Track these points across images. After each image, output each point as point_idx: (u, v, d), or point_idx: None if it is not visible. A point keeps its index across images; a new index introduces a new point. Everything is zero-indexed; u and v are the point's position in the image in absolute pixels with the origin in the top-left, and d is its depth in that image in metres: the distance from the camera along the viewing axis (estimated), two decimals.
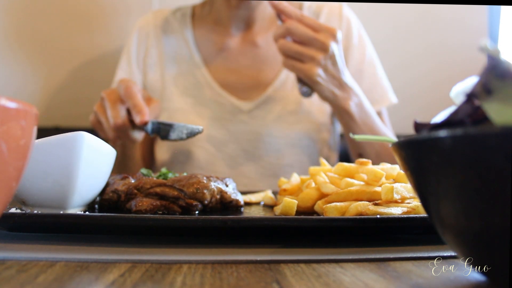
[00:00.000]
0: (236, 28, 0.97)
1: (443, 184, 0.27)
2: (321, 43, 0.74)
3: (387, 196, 0.45)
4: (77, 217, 0.41)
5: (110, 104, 0.70)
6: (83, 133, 0.44)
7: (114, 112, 0.69)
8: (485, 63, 0.26)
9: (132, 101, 0.68)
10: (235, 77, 0.95)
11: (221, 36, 0.97)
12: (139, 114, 0.67)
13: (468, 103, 0.27)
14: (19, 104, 0.28)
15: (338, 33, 0.76)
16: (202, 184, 0.52)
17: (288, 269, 0.33)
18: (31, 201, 0.46)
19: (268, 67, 0.96)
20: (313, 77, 0.75)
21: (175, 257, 0.35)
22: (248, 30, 0.97)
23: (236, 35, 0.97)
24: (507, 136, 0.23)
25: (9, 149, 0.27)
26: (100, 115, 0.72)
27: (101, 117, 0.72)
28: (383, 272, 0.32)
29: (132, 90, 0.69)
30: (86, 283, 0.30)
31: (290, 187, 0.58)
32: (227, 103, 0.93)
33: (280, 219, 0.41)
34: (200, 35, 0.98)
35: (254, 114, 0.93)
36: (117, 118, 0.69)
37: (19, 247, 0.38)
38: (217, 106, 0.94)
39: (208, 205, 0.52)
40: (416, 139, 0.28)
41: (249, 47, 0.97)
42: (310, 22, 0.75)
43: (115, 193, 0.52)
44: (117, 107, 0.70)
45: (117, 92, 0.71)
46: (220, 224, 0.40)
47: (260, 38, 0.97)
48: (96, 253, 0.36)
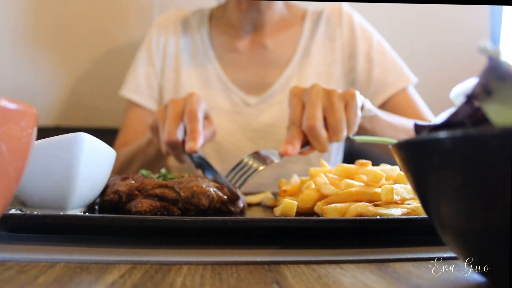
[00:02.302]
0: (246, 30, 1.02)
1: (443, 185, 0.27)
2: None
3: (387, 197, 0.45)
4: (77, 218, 0.41)
5: (171, 117, 0.68)
6: (83, 134, 0.44)
7: (171, 127, 0.67)
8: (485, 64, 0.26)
9: (191, 126, 0.66)
10: (244, 74, 1.00)
11: (232, 38, 1.02)
12: (191, 141, 0.64)
13: (468, 104, 0.27)
14: (19, 105, 0.28)
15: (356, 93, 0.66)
16: (200, 189, 0.50)
17: (288, 270, 0.33)
18: (31, 202, 0.46)
19: (274, 66, 1.00)
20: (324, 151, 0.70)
21: (175, 258, 0.35)
22: (257, 32, 1.02)
23: (246, 36, 1.02)
24: (507, 137, 0.23)
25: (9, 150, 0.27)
26: (159, 121, 0.71)
27: (159, 124, 0.70)
28: (383, 273, 0.32)
29: (196, 114, 0.67)
30: (86, 284, 0.30)
31: (290, 188, 0.58)
32: (235, 97, 0.98)
33: (280, 220, 0.41)
34: (214, 35, 1.04)
35: (260, 108, 0.98)
36: (172, 134, 0.66)
37: (19, 248, 0.38)
38: (226, 99, 0.99)
39: (207, 211, 0.52)
40: (416, 140, 0.28)
41: (257, 48, 1.01)
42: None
43: (116, 194, 0.52)
44: (177, 123, 0.67)
45: (182, 106, 0.69)
46: (220, 225, 0.40)
47: (268, 40, 1.01)
48: (96, 254, 0.36)
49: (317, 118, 0.62)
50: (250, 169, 0.62)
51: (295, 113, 0.65)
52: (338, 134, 0.63)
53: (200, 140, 0.64)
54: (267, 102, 0.98)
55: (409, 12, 1.31)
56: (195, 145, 0.63)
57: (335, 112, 0.63)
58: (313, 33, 1.01)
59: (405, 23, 1.31)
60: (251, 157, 0.64)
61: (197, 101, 0.69)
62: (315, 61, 0.99)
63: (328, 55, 1.00)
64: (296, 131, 0.64)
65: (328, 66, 0.99)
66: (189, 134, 0.65)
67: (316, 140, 0.63)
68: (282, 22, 1.03)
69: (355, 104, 0.64)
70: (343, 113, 0.63)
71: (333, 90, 0.65)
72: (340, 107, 0.63)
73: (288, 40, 1.02)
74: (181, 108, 0.69)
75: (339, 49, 1.00)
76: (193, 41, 1.04)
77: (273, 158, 0.63)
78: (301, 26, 1.03)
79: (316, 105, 0.63)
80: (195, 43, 1.04)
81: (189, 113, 0.67)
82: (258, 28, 1.02)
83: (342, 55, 1.00)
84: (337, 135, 0.63)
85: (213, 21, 1.06)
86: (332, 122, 0.63)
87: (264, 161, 0.63)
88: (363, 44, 0.99)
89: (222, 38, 1.04)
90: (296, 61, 0.99)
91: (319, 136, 0.62)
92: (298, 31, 1.02)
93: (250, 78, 1.00)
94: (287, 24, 1.03)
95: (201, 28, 1.05)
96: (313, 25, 1.02)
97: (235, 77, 1.00)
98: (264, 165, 0.62)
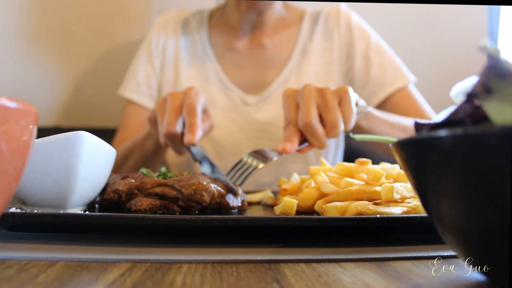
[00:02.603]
0: (245, 30, 1.03)
1: (443, 184, 0.27)
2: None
3: (387, 196, 0.45)
4: (77, 217, 0.41)
5: (170, 110, 0.69)
6: (83, 132, 0.44)
7: (170, 120, 0.68)
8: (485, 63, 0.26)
9: (190, 119, 0.67)
10: (243, 73, 1.01)
11: (231, 37, 1.03)
12: (189, 134, 0.65)
13: (468, 102, 0.27)
14: (19, 104, 0.28)
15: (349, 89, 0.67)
16: (201, 186, 0.51)
17: (288, 269, 0.33)
18: (31, 201, 0.46)
19: (273, 66, 1.01)
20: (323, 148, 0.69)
21: (175, 256, 0.35)
22: (256, 32, 1.03)
23: (245, 36, 1.03)
24: (507, 136, 0.23)
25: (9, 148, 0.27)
26: (158, 114, 0.72)
27: (158, 116, 0.72)
28: (383, 271, 0.32)
29: (195, 108, 0.68)
30: (86, 282, 0.30)
31: (290, 187, 0.58)
32: (234, 96, 0.99)
33: (280, 218, 0.41)
34: (214, 35, 1.05)
35: (258, 107, 0.98)
36: (171, 126, 0.68)
37: (19, 247, 0.38)
38: (225, 98, 0.99)
39: (207, 207, 0.52)
40: (416, 138, 0.28)
41: (256, 48, 1.02)
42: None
43: (116, 193, 0.52)
44: (176, 115, 0.69)
45: (181, 99, 0.70)
46: (220, 224, 0.40)
47: (267, 40, 1.02)
48: (96, 253, 0.36)
49: (312, 114, 0.62)
50: (250, 167, 0.62)
51: (290, 113, 0.66)
52: (335, 129, 0.63)
53: (198, 133, 0.66)
54: (265, 101, 0.98)
55: (408, 12, 1.31)
56: (194, 138, 0.65)
57: (330, 108, 0.63)
58: (311, 33, 1.02)
59: (403, 22, 1.31)
60: (251, 155, 0.65)
61: (196, 95, 0.71)
62: (313, 61, 1.00)
63: (326, 55, 1.00)
64: (293, 130, 0.64)
65: (326, 66, 0.99)
66: (187, 127, 0.67)
67: (313, 136, 0.63)
68: (280, 22, 1.04)
69: (348, 99, 0.64)
70: (338, 108, 0.63)
71: (325, 88, 0.65)
72: (334, 103, 0.63)
73: (287, 40, 1.02)
74: (180, 101, 0.70)
75: (337, 49, 1.00)
76: (193, 41, 1.05)
77: (272, 156, 0.63)
78: (299, 26, 1.03)
79: (310, 103, 0.63)
80: (194, 43, 1.05)
81: (188, 107, 0.68)
82: (257, 28, 1.02)
83: (340, 55, 1.00)
84: (334, 130, 0.63)
85: (213, 21, 1.07)
86: (328, 118, 0.63)
87: (264, 159, 0.63)
88: (361, 44, 0.99)
89: (221, 38, 1.04)
90: (294, 60, 1.00)
91: (316, 132, 0.63)
92: (297, 31, 1.03)
93: (248, 77, 1.01)
94: (285, 24, 1.04)
95: (200, 28, 1.05)
96: (311, 25, 1.03)
97: (234, 76, 1.01)
98: (263, 163, 0.62)
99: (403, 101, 0.95)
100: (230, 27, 1.03)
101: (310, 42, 1.01)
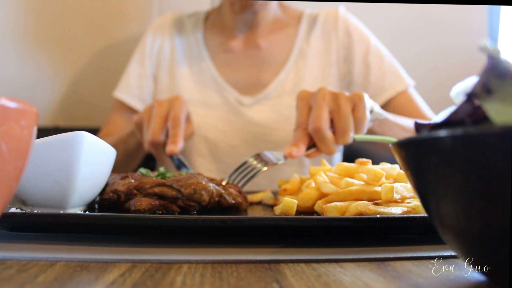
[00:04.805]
0: (240, 31, 1.03)
1: (443, 184, 0.27)
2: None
3: (387, 196, 0.45)
4: (77, 217, 0.41)
5: (156, 119, 0.74)
6: (83, 133, 0.44)
7: (155, 128, 0.73)
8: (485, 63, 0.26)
9: (173, 131, 0.73)
10: (238, 74, 1.01)
11: (226, 38, 1.03)
12: (172, 145, 0.71)
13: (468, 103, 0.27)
14: (19, 104, 0.28)
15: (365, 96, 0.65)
16: (201, 185, 0.51)
17: (288, 269, 0.33)
18: (31, 201, 0.46)
19: (269, 67, 1.01)
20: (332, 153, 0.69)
21: (175, 256, 0.35)
22: (251, 33, 1.02)
23: (240, 37, 1.03)
24: (507, 136, 0.23)
25: (9, 149, 0.27)
26: (144, 120, 0.77)
27: (144, 123, 0.76)
28: (383, 271, 0.32)
29: (179, 121, 0.74)
30: (86, 283, 0.30)
31: (290, 187, 0.58)
32: (230, 96, 0.99)
33: (280, 218, 0.41)
34: (209, 36, 1.05)
35: (254, 108, 0.98)
36: (156, 135, 0.73)
37: (19, 247, 0.38)
38: (221, 98, 0.99)
39: (206, 206, 0.52)
40: (416, 139, 0.28)
41: (252, 49, 1.02)
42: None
43: (115, 193, 0.52)
44: (162, 125, 0.74)
45: (167, 108, 0.75)
46: (220, 224, 0.40)
47: (262, 40, 1.02)
48: (96, 253, 0.36)
49: (322, 119, 0.62)
50: (254, 169, 0.62)
51: (301, 116, 0.65)
52: (344, 136, 0.62)
53: (179, 144, 0.72)
54: (261, 103, 0.98)
55: (408, 12, 1.31)
56: (175, 149, 0.71)
57: (342, 114, 0.62)
58: (309, 35, 1.02)
59: (403, 23, 1.31)
60: (255, 158, 0.65)
61: (181, 107, 0.76)
62: (310, 64, 0.99)
63: (323, 58, 1.00)
64: (302, 133, 0.64)
65: (323, 69, 0.99)
66: (170, 138, 0.72)
67: (322, 141, 0.63)
68: (276, 23, 1.03)
69: (363, 106, 0.63)
70: (350, 114, 0.63)
71: (340, 92, 0.64)
72: (347, 109, 0.63)
73: (283, 41, 1.02)
74: (166, 110, 0.75)
75: (334, 52, 1.00)
76: (188, 43, 1.05)
77: (277, 160, 0.63)
78: (296, 28, 1.03)
79: (322, 107, 0.63)
80: (189, 44, 1.05)
81: (173, 120, 0.74)
82: (252, 28, 1.02)
83: (338, 58, 1.00)
84: (344, 137, 0.62)
85: (208, 23, 1.07)
86: (339, 124, 0.63)
87: (268, 163, 0.63)
88: (360, 48, 0.99)
89: (216, 39, 1.04)
90: (291, 62, 1.00)
91: (325, 138, 0.62)
92: (293, 33, 1.03)
93: (244, 78, 1.00)
94: (281, 25, 1.03)
95: (195, 30, 1.06)
96: (308, 27, 1.02)
97: (229, 77, 1.01)
98: (267, 166, 0.62)
99: (404, 104, 0.95)
100: (225, 28, 1.03)
101: (307, 45, 1.01)
